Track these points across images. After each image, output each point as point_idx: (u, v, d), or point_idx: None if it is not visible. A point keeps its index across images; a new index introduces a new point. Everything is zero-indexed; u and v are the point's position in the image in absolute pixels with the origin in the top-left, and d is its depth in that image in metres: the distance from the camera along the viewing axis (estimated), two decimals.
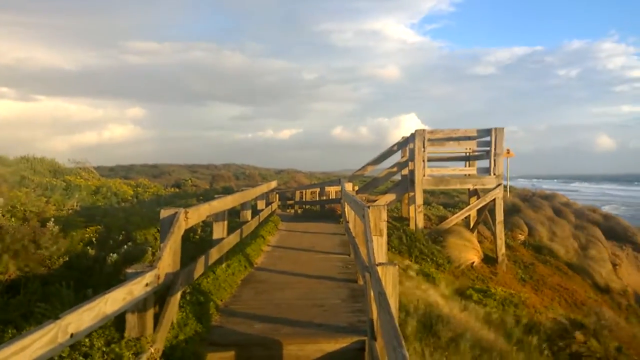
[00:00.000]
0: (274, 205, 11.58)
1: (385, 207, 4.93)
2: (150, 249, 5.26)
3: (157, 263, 3.54)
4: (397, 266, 3.60)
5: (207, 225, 7.11)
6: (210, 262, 5.22)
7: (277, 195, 14.32)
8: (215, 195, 6.27)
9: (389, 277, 3.49)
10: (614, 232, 17.06)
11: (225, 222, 6.05)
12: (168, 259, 3.79)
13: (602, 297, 11.39)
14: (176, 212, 4.19)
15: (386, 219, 4.88)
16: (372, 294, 3.62)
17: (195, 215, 4.71)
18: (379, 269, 3.48)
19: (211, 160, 46.11)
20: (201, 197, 11.31)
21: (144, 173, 32.34)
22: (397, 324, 3.03)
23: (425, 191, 18.54)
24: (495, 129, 10.44)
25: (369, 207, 4.80)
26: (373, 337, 3.63)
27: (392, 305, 3.78)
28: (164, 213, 4.17)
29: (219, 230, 5.95)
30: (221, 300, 5.08)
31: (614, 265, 13.83)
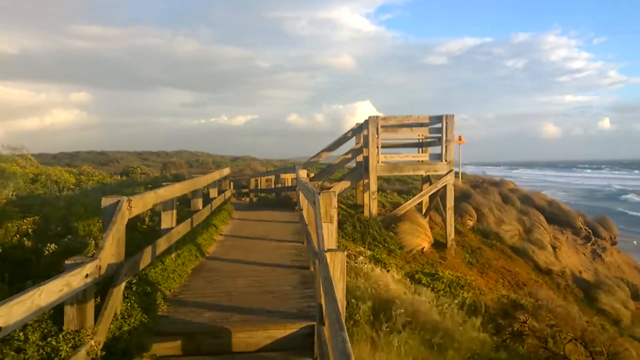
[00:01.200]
0: (228, 194, 11.44)
1: (336, 193, 4.97)
2: (93, 240, 5.09)
3: (98, 254, 3.43)
4: (345, 252, 3.64)
5: (156, 214, 6.95)
6: (159, 252, 5.11)
7: (231, 183, 14.14)
8: (164, 183, 6.11)
9: (337, 263, 3.52)
10: (556, 216, 17.91)
11: (174, 211, 5.92)
12: (111, 250, 3.67)
13: (542, 278, 11.98)
14: (119, 201, 4.06)
15: (336, 206, 4.92)
16: (320, 279, 3.66)
17: (140, 203, 4.58)
18: (327, 255, 3.51)
19: (163, 148, 44.89)
20: (150, 185, 11.01)
21: (90, 161, 31.14)
22: (339, 309, 3.06)
23: (380, 178, 18.84)
24: (446, 115, 10.67)
25: (319, 193, 4.83)
26: (321, 322, 3.66)
27: (340, 290, 3.85)
28: (106, 201, 4.04)
29: (167, 219, 5.82)
30: (170, 290, 4.99)
31: (554, 248, 14.55)
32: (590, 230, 17.90)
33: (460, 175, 20.34)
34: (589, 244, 17.32)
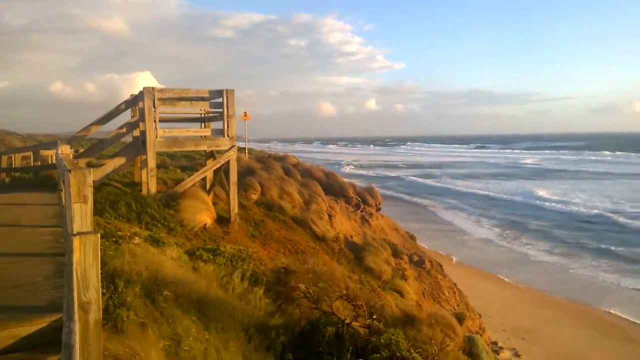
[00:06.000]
0: None
1: (91, 170, 4.41)
2: None
3: None
4: (98, 234, 3.34)
5: None
6: None
7: None
8: None
9: (89, 246, 3.24)
10: (332, 187, 19.70)
11: None
12: None
13: (319, 245, 13.04)
14: None
15: (92, 184, 4.39)
16: None
17: None
18: (76, 239, 3.21)
19: None
20: None
21: None
22: (75, 297, 2.73)
23: (164, 154, 17.93)
24: (227, 90, 10.56)
25: (70, 170, 4.23)
26: None
27: (94, 275, 3.46)
28: None
29: None
30: None
31: (330, 216, 15.99)
32: (360, 199, 20.22)
33: (246, 151, 20.74)
34: (359, 211, 19.56)
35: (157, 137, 10.21)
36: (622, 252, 23.39)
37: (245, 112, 20.45)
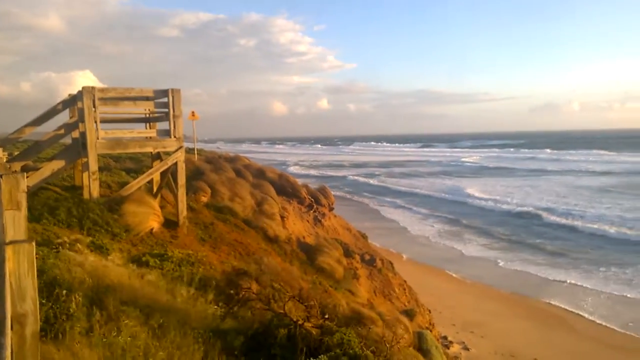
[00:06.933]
0: None
1: (24, 175, 4.16)
2: None
3: None
4: (33, 242, 3.25)
5: None
6: None
7: None
8: None
9: (23, 256, 3.13)
10: (285, 188, 19.60)
11: None
12: None
13: (271, 247, 12.93)
14: None
15: (26, 189, 4.13)
16: None
17: None
18: (8, 248, 3.08)
19: None
20: None
21: None
22: (7, 310, 2.58)
23: (108, 156, 17.26)
24: (172, 89, 10.26)
25: (1, 175, 3.98)
26: None
27: (30, 286, 3.30)
28: None
29: None
30: None
31: (283, 218, 15.89)
32: (312, 199, 20.23)
33: (195, 152, 20.30)
34: (312, 211, 19.58)
35: (98, 138, 9.77)
36: (554, 247, 24.89)
37: (193, 112, 20.02)
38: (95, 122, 9.65)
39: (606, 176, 54.92)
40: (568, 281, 19.41)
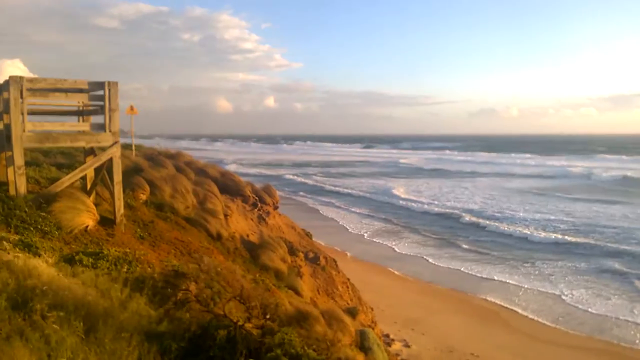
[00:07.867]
0: None
1: None
2: None
3: None
4: None
5: None
6: None
7: None
8: None
9: None
10: (228, 186, 19.26)
11: None
12: None
13: (214, 245, 12.65)
14: None
15: None
16: None
17: None
18: None
19: None
20: None
21: None
22: None
23: (36, 150, 16.23)
24: (109, 82, 9.76)
25: None
26: None
27: None
28: None
29: None
30: None
31: (226, 216, 15.60)
32: (257, 198, 19.99)
33: (133, 148, 19.54)
34: (256, 210, 19.35)
35: (24, 131, 9.14)
36: (485, 246, 26.14)
37: (131, 106, 19.26)
38: (22, 113, 9.01)
39: (534, 179, 58.32)
40: (496, 278, 20.37)
